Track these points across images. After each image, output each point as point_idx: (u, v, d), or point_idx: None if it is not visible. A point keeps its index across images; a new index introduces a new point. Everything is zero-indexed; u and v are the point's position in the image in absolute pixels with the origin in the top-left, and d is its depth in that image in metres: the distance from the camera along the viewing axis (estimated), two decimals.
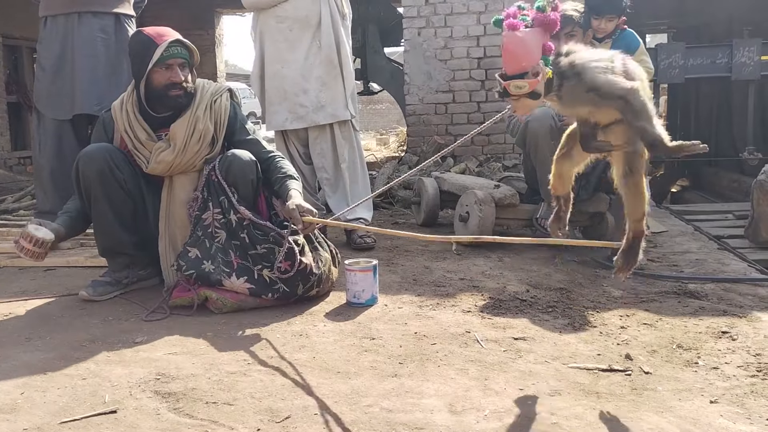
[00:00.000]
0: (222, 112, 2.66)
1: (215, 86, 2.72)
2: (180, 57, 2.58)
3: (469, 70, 6.29)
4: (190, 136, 2.58)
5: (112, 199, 2.59)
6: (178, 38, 2.57)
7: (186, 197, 2.63)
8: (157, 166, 2.59)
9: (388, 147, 12.16)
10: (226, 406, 1.67)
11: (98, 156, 2.57)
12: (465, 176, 4.66)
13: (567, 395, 1.72)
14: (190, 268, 2.46)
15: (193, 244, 2.50)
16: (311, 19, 3.42)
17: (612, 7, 3.38)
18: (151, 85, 2.57)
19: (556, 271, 3.01)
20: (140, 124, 2.62)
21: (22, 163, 9.07)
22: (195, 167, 2.63)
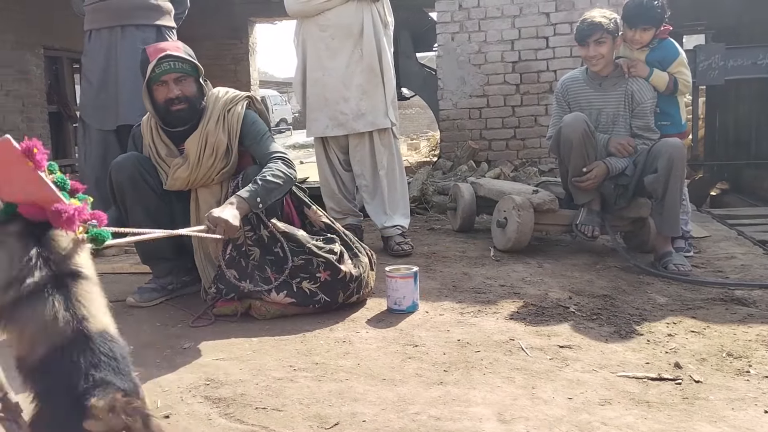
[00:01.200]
0: (234, 122, 2.59)
1: (231, 95, 2.65)
2: (174, 71, 2.52)
3: (504, 74, 6.26)
4: (203, 150, 2.55)
5: (146, 203, 2.63)
6: (168, 53, 2.51)
7: (209, 210, 2.61)
8: (174, 182, 2.60)
9: (419, 152, 12.18)
10: (276, 412, 1.69)
11: (128, 164, 2.61)
12: (502, 181, 4.64)
13: (617, 404, 1.70)
14: (230, 291, 2.47)
15: (229, 265, 2.48)
16: (354, 28, 3.44)
17: (646, 18, 3.30)
18: (156, 102, 2.57)
19: (598, 278, 2.97)
20: (162, 139, 2.63)
21: (63, 171, 9.27)
22: (214, 181, 2.61)
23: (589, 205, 3.40)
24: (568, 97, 3.49)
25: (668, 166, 3.11)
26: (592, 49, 3.30)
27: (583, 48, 3.35)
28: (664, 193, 3.14)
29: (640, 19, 3.31)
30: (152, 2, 3.46)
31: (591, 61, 3.35)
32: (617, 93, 3.37)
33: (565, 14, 6.07)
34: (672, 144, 3.17)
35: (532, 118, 6.24)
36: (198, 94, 2.59)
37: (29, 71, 8.70)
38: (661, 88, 3.35)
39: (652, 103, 3.36)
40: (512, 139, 6.32)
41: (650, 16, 3.31)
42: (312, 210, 2.67)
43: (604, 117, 3.41)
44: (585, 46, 3.33)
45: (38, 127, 8.84)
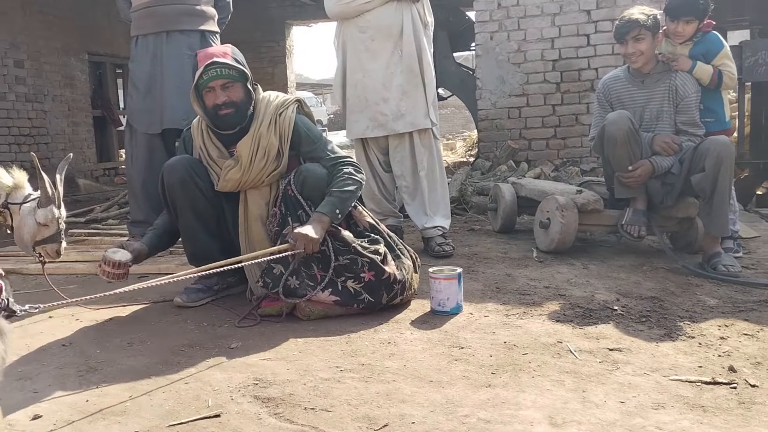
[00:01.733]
0: (286, 126, 2.64)
1: (281, 99, 2.70)
2: (221, 78, 2.56)
3: (544, 72, 6.20)
4: (255, 153, 2.60)
5: (196, 206, 2.67)
6: (215, 60, 2.55)
7: (259, 212, 2.67)
8: (226, 183, 2.64)
9: (455, 152, 12.11)
10: (324, 413, 1.69)
11: (179, 167, 2.66)
12: (544, 181, 4.59)
13: (671, 409, 1.66)
14: (276, 285, 2.50)
15: (277, 260, 2.52)
16: (393, 29, 3.45)
17: (688, 10, 3.24)
18: (206, 107, 2.62)
19: (645, 279, 2.92)
20: (213, 141, 2.68)
21: (107, 174, 9.50)
22: (264, 182, 2.65)
23: (634, 205, 3.34)
24: (610, 96, 3.44)
25: (716, 164, 3.04)
26: (631, 46, 3.25)
27: (622, 46, 3.31)
28: (712, 193, 3.07)
29: (681, 10, 3.25)
30: (197, 8, 3.52)
31: (630, 59, 3.30)
32: (661, 89, 3.31)
33: (606, 11, 5.99)
34: (720, 142, 3.10)
35: (573, 116, 6.17)
36: (246, 98, 2.62)
37: (74, 77, 8.94)
38: (705, 81, 3.28)
39: (697, 97, 3.29)
40: (552, 138, 6.25)
41: (693, 7, 3.24)
42: (358, 210, 2.68)
43: (648, 114, 3.35)
44: (623, 43, 3.29)
45: (83, 131, 9.08)
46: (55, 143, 8.37)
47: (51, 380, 1.97)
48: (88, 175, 8.88)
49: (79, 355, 2.18)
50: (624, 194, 3.34)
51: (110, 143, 10.12)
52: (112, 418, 1.71)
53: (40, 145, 8.10)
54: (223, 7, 3.70)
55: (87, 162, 9.08)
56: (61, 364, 2.11)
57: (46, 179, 2.58)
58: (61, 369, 2.07)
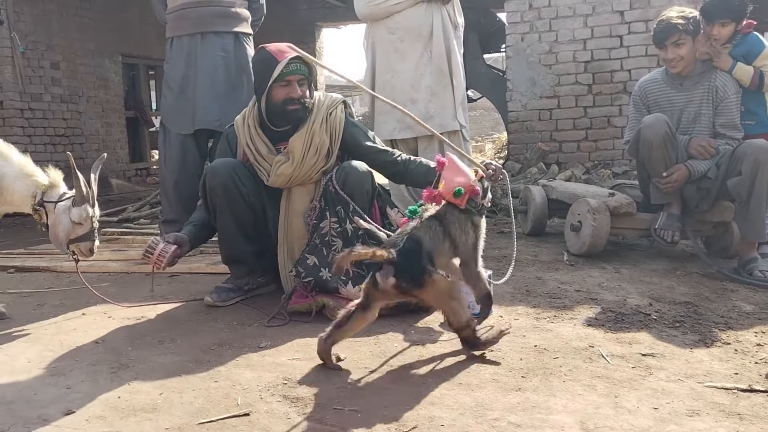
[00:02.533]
0: (337, 125, 2.71)
1: (330, 99, 2.77)
2: (299, 73, 2.65)
3: (575, 74, 6.13)
4: (308, 149, 2.65)
5: (235, 211, 2.70)
6: (297, 55, 2.63)
7: (303, 208, 2.70)
8: (277, 179, 2.68)
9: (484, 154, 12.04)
10: (353, 413, 1.69)
11: (223, 171, 2.68)
12: (575, 184, 4.54)
13: (706, 416, 1.62)
14: (309, 275, 2.53)
15: (311, 251, 2.57)
16: (423, 30, 3.45)
17: (722, 12, 3.17)
18: (271, 101, 2.66)
19: (679, 284, 2.87)
20: (261, 138, 2.71)
21: (140, 175, 9.65)
22: (312, 179, 2.69)
23: (668, 209, 3.28)
24: (647, 99, 3.38)
25: (754, 168, 2.98)
26: (671, 52, 3.19)
27: (661, 50, 3.24)
28: (749, 197, 3.01)
29: (716, 12, 3.18)
30: (231, 10, 3.55)
31: (670, 64, 3.23)
32: (700, 90, 3.24)
33: (639, 12, 5.90)
34: (758, 145, 3.03)
35: (605, 119, 6.09)
36: (309, 97, 2.70)
37: (108, 78, 9.09)
38: (746, 82, 3.21)
39: (737, 99, 3.22)
40: (584, 140, 6.17)
41: (727, 9, 3.17)
42: (394, 211, 2.71)
43: (686, 117, 3.29)
44: (663, 48, 3.22)
45: (116, 131, 9.23)
46: (89, 143, 8.52)
47: (84, 376, 2.00)
48: (121, 175, 9.03)
49: (111, 353, 2.21)
50: (660, 200, 3.28)
51: (143, 144, 10.28)
52: (143, 414, 1.73)
53: (75, 145, 8.25)
54: (257, 9, 3.73)
55: (120, 162, 9.23)
56: (94, 361, 2.14)
57: (81, 178, 2.63)
58: (94, 366, 2.10)
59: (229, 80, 3.51)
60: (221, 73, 3.50)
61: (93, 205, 2.74)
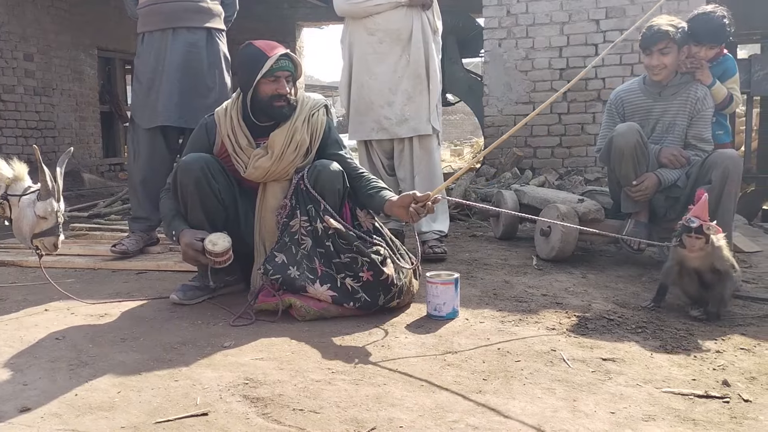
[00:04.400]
0: (318, 126, 2.73)
1: (314, 100, 2.79)
2: (287, 70, 2.65)
3: (551, 81, 6.20)
4: (288, 145, 2.66)
5: (207, 207, 2.68)
6: (286, 52, 2.65)
7: (276, 203, 2.70)
8: (254, 171, 2.67)
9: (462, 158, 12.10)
10: (313, 414, 1.69)
11: (195, 166, 2.66)
12: (546, 189, 4.58)
13: (662, 421, 1.64)
14: (277, 272, 2.52)
15: (280, 249, 2.57)
16: (402, 33, 3.45)
17: (714, 37, 3.24)
18: (257, 95, 2.65)
19: (644, 290, 2.90)
20: (242, 130, 2.71)
21: (113, 170, 9.54)
22: (287, 176, 2.70)
23: (636, 217, 3.32)
24: (623, 108, 3.41)
25: (723, 177, 3.02)
26: (656, 59, 3.21)
27: (647, 56, 3.26)
28: (716, 206, 3.05)
29: (708, 36, 3.22)
30: (203, 5, 3.52)
31: (653, 71, 3.26)
32: (678, 101, 3.28)
33: (615, 21, 5.98)
34: (728, 156, 3.08)
35: (579, 126, 6.15)
36: (295, 95, 2.72)
37: (83, 71, 8.98)
38: (718, 100, 3.29)
39: (712, 113, 3.28)
40: (558, 147, 6.23)
41: (718, 35, 3.23)
42: (364, 212, 2.71)
43: (660, 125, 3.33)
44: (649, 54, 3.24)
45: (90, 125, 9.12)
46: (62, 137, 8.41)
47: (42, 373, 1.97)
48: (94, 170, 8.92)
49: (71, 349, 2.18)
50: (630, 208, 3.31)
51: (117, 139, 10.16)
52: (100, 413, 1.70)
53: (47, 138, 8.14)
54: (229, 4, 3.70)
55: (93, 157, 9.12)
56: (53, 358, 2.11)
57: (46, 172, 2.59)
58: (53, 362, 2.06)
59: (200, 76, 3.48)
60: (191, 69, 3.47)
61: (58, 200, 2.70)
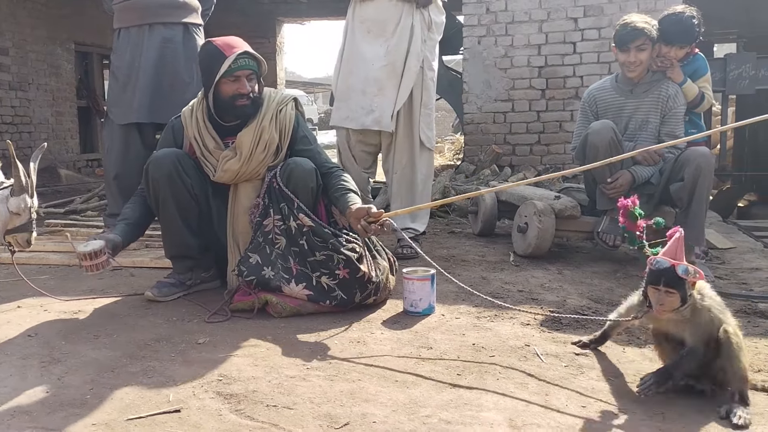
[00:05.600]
0: (287, 122, 2.68)
1: (281, 96, 2.75)
2: (248, 68, 2.60)
3: (530, 78, 6.23)
4: (256, 145, 2.62)
5: (180, 202, 2.65)
6: (246, 50, 2.60)
7: (248, 204, 2.67)
8: (223, 174, 2.64)
9: (443, 155, 12.13)
10: (286, 410, 1.69)
11: (167, 161, 2.63)
12: (524, 186, 4.60)
13: (632, 414, 1.67)
14: (251, 273, 2.50)
15: (254, 250, 2.54)
16: (388, 24, 3.41)
17: (684, 37, 3.28)
18: (219, 96, 2.62)
19: (618, 286, 2.94)
20: (209, 132, 2.67)
21: (90, 166, 9.43)
22: (259, 175, 2.66)
23: (612, 214, 3.35)
24: (596, 106, 3.45)
25: (695, 174, 3.06)
26: (633, 55, 3.24)
27: (623, 53, 3.28)
28: (689, 202, 3.09)
29: (678, 37, 3.26)
30: (180, 0, 3.49)
31: (629, 67, 3.29)
32: (650, 98, 3.32)
33: (593, 20, 6.02)
34: (700, 153, 3.12)
35: (557, 123, 6.20)
36: (259, 92, 2.67)
37: (60, 66, 8.86)
38: (690, 98, 3.34)
39: (684, 110, 3.32)
40: (536, 144, 6.27)
41: (689, 36, 3.27)
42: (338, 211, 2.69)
43: (633, 123, 3.36)
44: (625, 51, 3.27)
45: (67, 121, 9.00)
46: (38, 132, 8.30)
47: (13, 370, 1.95)
48: (71, 165, 8.81)
49: (43, 346, 2.16)
50: (606, 205, 3.35)
51: (94, 134, 10.04)
52: (71, 410, 1.69)
53: (23, 134, 8.03)
54: None
55: (70, 152, 9.01)
56: (25, 355, 2.08)
57: (20, 168, 2.55)
58: (24, 359, 2.04)
59: (177, 72, 3.45)
60: (168, 65, 3.44)
61: (32, 196, 2.66)
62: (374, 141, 3.59)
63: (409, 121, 3.52)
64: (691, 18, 3.28)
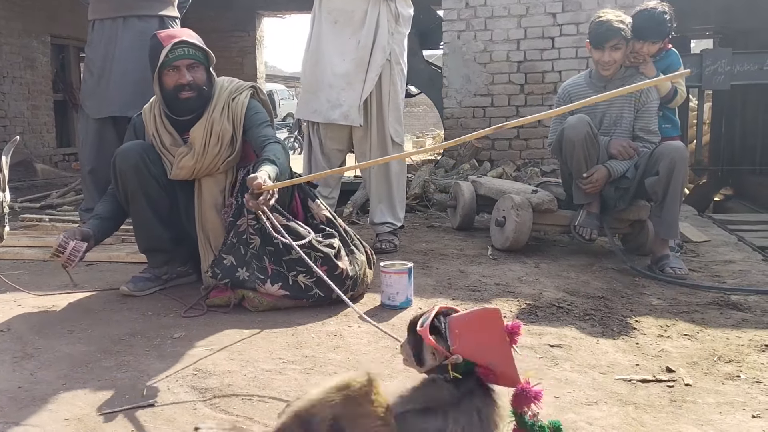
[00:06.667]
0: (239, 111, 2.61)
1: (235, 85, 2.68)
2: (188, 58, 2.55)
3: (509, 73, 6.25)
4: (208, 139, 2.57)
5: (149, 194, 2.62)
6: (184, 39, 2.54)
7: (213, 200, 2.63)
8: (179, 171, 2.60)
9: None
10: (261, 403, 1.68)
11: (133, 153, 2.60)
12: (502, 180, 4.63)
13: (604, 405, 1.69)
14: (225, 276, 2.46)
15: (228, 251, 2.49)
16: (355, 15, 3.36)
17: (657, 33, 3.31)
18: (163, 88, 2.57)
19: (594, 279, 2.96)
20: (166, 128, 2.63)
21: (67, 160, 9.30)
22: (218, 169, 2.62)
23: (588, 208, 3.38)
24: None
25: (670, 168, 3.09)
26: (607, 55, 3.26)
27: (598, 51, 3.30)
28: (664, 196, 3.12)
29: (650, 32, 3.29)
30: None
31: (603, 66, 3.31)
32: (623, 94, 3.34)
33: (571, 15, 6.06)
34: (674, 147, 3.16)
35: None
36: (207, 83, 2.60)
37: (35, 59, 8.73)
38: (663, 93, 3.38)
39: (656, 105, 3.36)
40: (515, 139, 6.30)
41: (660, 31, 3.30)
42: (316, 203, 2.67)
43: (608, 119, 3.39)
44: (600, 49, 3.29)
45: (43, 114, 8.88)
46: (13, 126, 8.17)
47: None
48: (47, 160, 8.69)
49: (16, 341, 2.14)
50: (582, 200, 3.37)
51: (71, 128, 9.91)
52: (44, 405, 1.67)
53: None
54: None
55: (46, 147, 8.88)
56: None
57: None
58: None
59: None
60: (143, 59, 3.40)
61: (3, 190, 2.63)
62: (344, 135, 3.55)
63: (380, 117, 3.48)
64: (663, 14, 3.31)
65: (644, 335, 2.25)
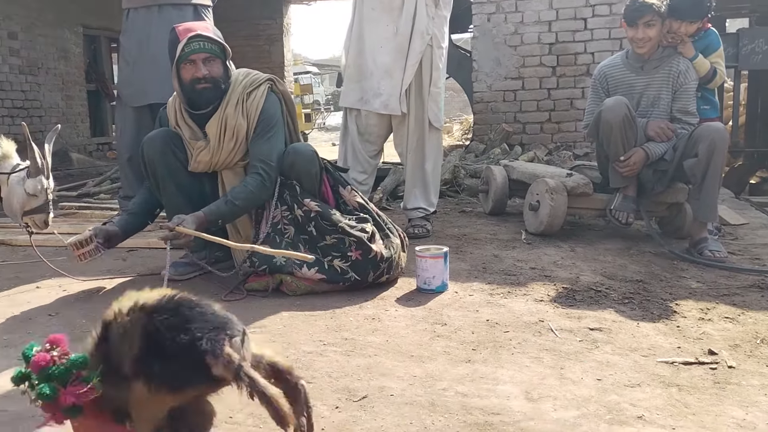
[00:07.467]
0: (254, 110, 2.62)
1: (251, 78, 2.67)
2: (203, 51, 2.56)
3: (540, 56, 6.18)
4: (223, 134, 2.60)
5: (178, 178, 2.67)
6: (199, 33, 2.55)
7: None
8: (197, 165, 2.65)
9: (451, 135, 12.08)
10: (306, 384, 1.71)
11: (158, 139, 2.66)
12: (535, 164, 4.60)
13: (647, 387, 1.68)
14: (263, 263, 2.50)
15: (264, 242, 2.53)
16: (393, 3, 3.36)
17: (694, 13, 3.24)
18: (181, 82, 2.60)
19: (631, 263, 2.94)
20: (185, 121, 2.67)
21: (101, 149, 9.47)
22: (237, 164, 2.66)
23: (624, 191, 3.35)
24: (606, 83, 3.43)
25: (710, 150, 3.04)
26: (641, 32, 3.21)
27: (632, 29, 3.25)
28: (703, 178, 3.08)
29: (688, 12, 3.23)
30: None
31: (638, 44, 3.26)
32: (661, 74, 3.30)
33: None
34: (715, 128, 3.11)
35: (568, 101, 6.16)
36: (224, 76, 2.63)
37: (69, 50, 8.87)
38: (701, 73, 3.31)
39: (695, 86, 3.30)
40: (547, 122, 6.24)
41: (698, 10, 3.24)
42: (347, 190, 2.69)
43: (645, 100, 3.34)
44: (633, 27, 3.24)
45: (77, 104, 9.03)
46: (48, 116, 8.33)
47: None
48: (82, 149, 8.85)
49: (65, 325, 2.20)
50: (619, 183, 3.34)
51: (104, 118, 10.08)
52: None
53: (34, 118, 8.06)
54: None
55: (80, 136, 9.05)
56: (47, 334, 2.10)
57: (35, 150, 2.59)
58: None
59: None
60: None
61: (48, 177, 2.70)
62: (384, 121, 3.55)
63: (420, 102, 3.48)
64: None
65: (685, 318, 2.23)
